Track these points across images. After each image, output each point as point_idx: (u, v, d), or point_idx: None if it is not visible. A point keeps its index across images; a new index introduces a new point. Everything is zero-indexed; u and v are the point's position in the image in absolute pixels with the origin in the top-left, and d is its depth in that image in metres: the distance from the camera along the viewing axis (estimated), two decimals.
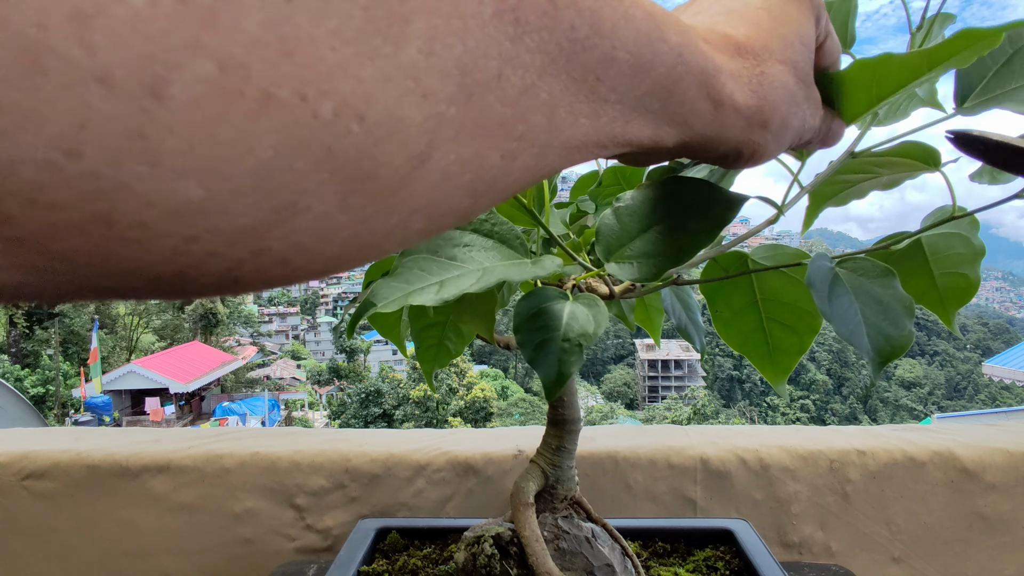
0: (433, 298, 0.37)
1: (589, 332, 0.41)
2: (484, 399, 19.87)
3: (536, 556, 0.51)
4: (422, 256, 0.40)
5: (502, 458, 0.83)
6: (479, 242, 0.42)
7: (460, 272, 0.39)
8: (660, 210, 0.40)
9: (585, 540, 0.56)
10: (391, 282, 0.37)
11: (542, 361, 0.41)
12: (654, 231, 0.40)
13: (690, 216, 0.39)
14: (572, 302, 0.43)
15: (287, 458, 0.83)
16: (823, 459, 0.81)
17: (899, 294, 0.44)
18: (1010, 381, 8.82)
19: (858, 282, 0.45)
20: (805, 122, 0.32)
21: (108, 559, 0.82)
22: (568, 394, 0.57)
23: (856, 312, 0.43)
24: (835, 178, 0.47)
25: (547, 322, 0.42)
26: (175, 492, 0.82)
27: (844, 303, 0.44)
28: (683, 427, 0.91)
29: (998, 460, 0.80)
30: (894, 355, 0.42)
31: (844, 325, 0.43)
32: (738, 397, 47.24)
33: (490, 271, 0.39)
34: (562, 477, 0.58)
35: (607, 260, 0.41)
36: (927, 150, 0.43)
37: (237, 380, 25.19)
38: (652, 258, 0.39)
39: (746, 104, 0.28)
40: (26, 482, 0.82)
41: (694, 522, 0.72)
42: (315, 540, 0.83)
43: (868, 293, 0.44)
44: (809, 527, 0.81)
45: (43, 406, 18.44)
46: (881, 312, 0.43)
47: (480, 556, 0.55)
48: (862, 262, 0.45)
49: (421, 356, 0.65)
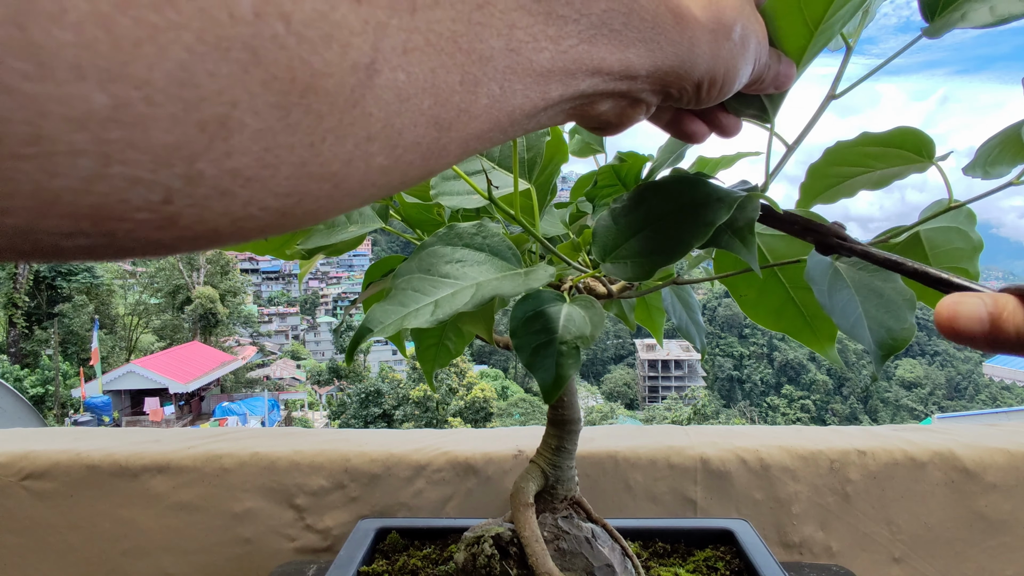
0: (428, 319, 0.37)
1: (586, 334, 0.41)
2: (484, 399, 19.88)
3: (536, 556, 0.51)
4: (415, 276, 0.40)
5: (502, 458, 0.83)
6: (471, 256, 0.42)
7: (454, 289, 0.40)
8: (655, 211, 0.41)
9: (585, 540, 0.56)
10: (386, 305, 0.38)
11: (539, 365, 0.41)
12: (648, 231, 0.40)
13: (683, 216, 0.39)
14: (569, 304, 0.44)
15: (287, 458, 0.83)
16: (823, 459, 0.81)
17: (900, 287, 0.44)
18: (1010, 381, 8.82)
19: (858, 276, 0.45)
20: (760, 45, 0.32)
21: (107, 558, 0.82)
22: (568, 395, 0.57)
23: (856, 306, 0.44)
24: (826, 171, 0.47)
25: (544, 325, 0.42)
26: (174, 492, 0.82)
27: (844, 297, 0.44)
28: (683, 427, 0.91)
29: (998, 460, 0.79)
30: (896, 348, 0.43)
31: (845, 319, 0.43)
32: (738, 397, 47.27)
33: (483, 286, 0.40)
34: (562, 477, 0.58)
35: (603, 261, 0.42)
36: (920, 139, 0.43)
37: (237, 380, 25.20)
38: (645, 257, 0.39)
39: (704, 15, 0.27)
40: (26, 482, 0.82)
41: (694, 522, 0.73)
42: (315, 540, 0.82)
43: (868, 287, 0.44)
44: (809, 527, 0.80)
45: (43, 406, 18.44)
46: (882, 305, 0.44)
47: (480, 556, 0.55)
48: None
49: (421, 356, 0.65)
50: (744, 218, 0.39)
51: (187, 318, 25.07)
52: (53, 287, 21.05)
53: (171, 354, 20.45)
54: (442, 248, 0.42)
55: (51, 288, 21.08)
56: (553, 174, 0.52)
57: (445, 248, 0.42)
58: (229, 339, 27.42)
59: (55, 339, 19.98)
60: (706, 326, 0.62)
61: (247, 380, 26.76)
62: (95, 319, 19.50)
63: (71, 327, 20.99)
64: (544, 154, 0.51)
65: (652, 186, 0.42)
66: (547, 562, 0.50)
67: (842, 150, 0.46)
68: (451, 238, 0.43)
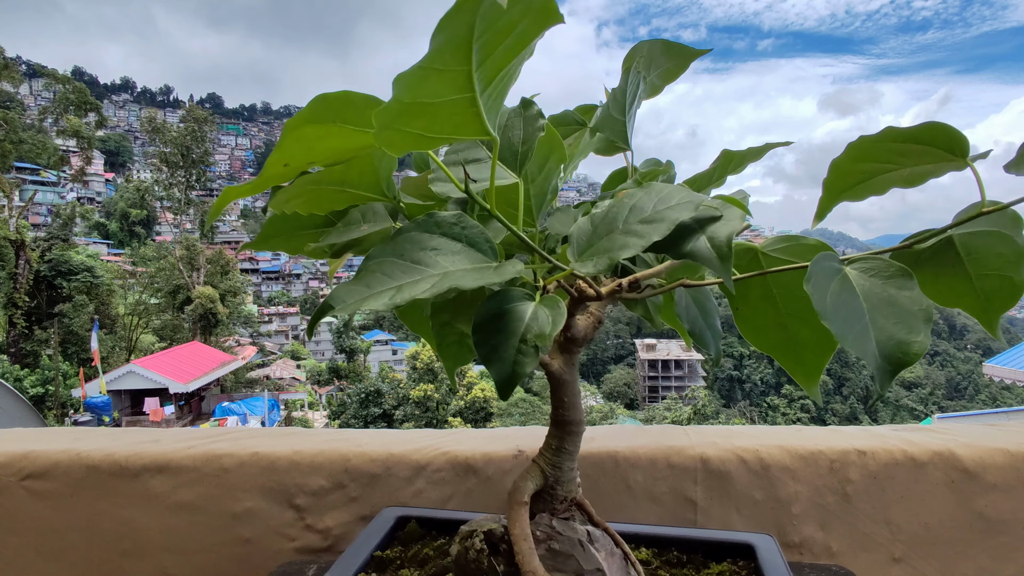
0: (387, 303, 0.38)
1: (546, 333, 0.42)
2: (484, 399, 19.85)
3: (522, 555, 0.51)
4: (387, 259, 0.41)
5: (502, 458, 0.83)
6: (448, 246, 0.43)
7: (420, 277, 0.40)
8: (625, 214, 0.43)
9: (578, 543, 0.55)
10: (350, 285, 0.39)
11: (496, 360, 0.42)
12: (617, 232, 0.43)
13: (651, 219, 0.42)
14: (537, 304, 0.45)
15: (287, 458, 0.83)
16: (823, 459, 0.81)
17: (916, 296, 0.41)
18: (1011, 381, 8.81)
19: (869, 283, 0.42)
20: None
21: (107, 558, 0.82)
22: (571, 396, 0.57)
23: (863, 315, 0.41)
24: (850, 167, 0.44)
25: (507, 324, 0.43)
26: (174, 492, 0.82)
27: (849, 305, 0.41)
28: (683, 427, 0.91)
29: (998, 460, 0.79)
30: (905, 362, 0.39)
31: (847, 328, 0.40)
32: (738, 397, 47.21)
33: (447, 276, 0.40)
34: (562, 478, 0.58)
35: (576, 259, 0.44)
36: (951, 136, 0.40)
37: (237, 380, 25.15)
38: (605, 254, 0.42)
39: None
40: (26, 482, 0.82)
41: (714, 533, 0.69)
42: (315, 540, 0.82)
43: (880, 295, 0.41)
44: (809, 527, 0.80)
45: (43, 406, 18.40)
46: (894, 315, 0.40)
47: (470, 551, 0.56)
48: (874, 262, 0.43)
49: (442, 353, 0.65)
50: (723, 232, 0.40)
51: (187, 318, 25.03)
52: (53, 287, 21.02)
53: (171, 354, 20.42)
54: (419, 235, 0.43)
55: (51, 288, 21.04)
56: (552, 172, 0.52)
57: (422, 235, 0.43)
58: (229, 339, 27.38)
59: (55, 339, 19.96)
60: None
61: (247, 380, 26.72)
62: (95, 319, 19.46)
63: (71, 327, 20.96)
64: (536, 150, 0.51)
65: (634, 191, 0.45)
66: (533, 560, 0.50)
67: (866, 145, 0.43)
68: (430, 226, 0.43)
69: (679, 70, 0.63)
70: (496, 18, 0.34)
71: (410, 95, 0.37)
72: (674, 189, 0.44)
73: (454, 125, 0.40)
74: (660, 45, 0.61)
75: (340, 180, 0.51)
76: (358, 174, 0.50)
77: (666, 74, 0.63)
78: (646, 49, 0.61)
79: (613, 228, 0.43)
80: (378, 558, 0.64)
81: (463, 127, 0.40)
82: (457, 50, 0.35)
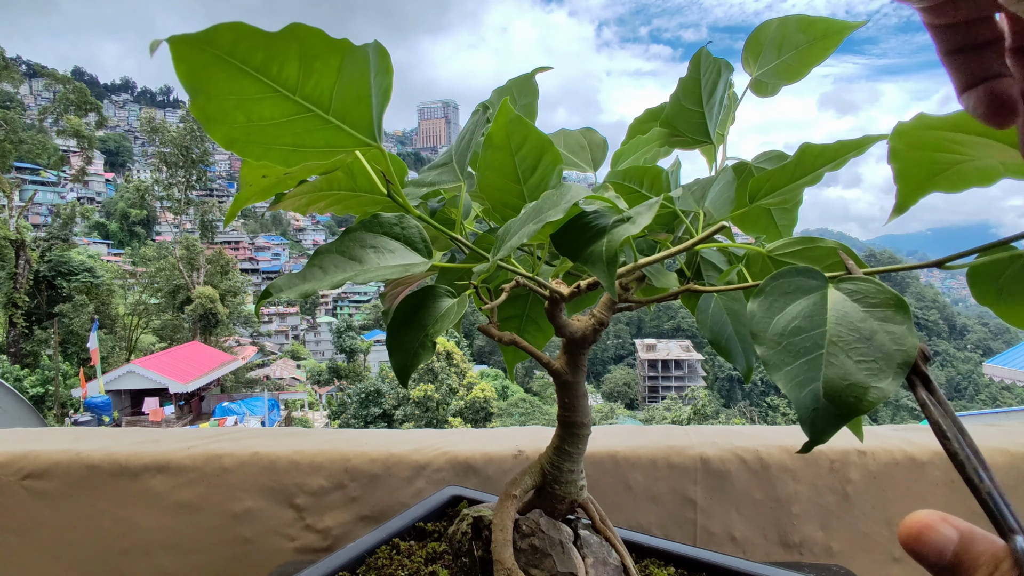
0: (306, 290, 0.41)
1: (442, 326, 0.46)
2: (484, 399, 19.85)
3: (496, 544, 0.52)
4: (330, 255, 0.43)
5: (502, 458, 0.83)
6: (386, 244, 0.45)
7: (353, 272, 0.42)
8: (543, 206, 0.45)
9: (559, 543, 0.55)
10: (291, 276, 0.41)
11: (398, 349, 0.48)
12: (531, 223, 0.44)
13: (574, 228, 0.46)
14: (458, 300, 0.48)
15: (287, 458, 0.83)
16: (823, 459, 0.81)
17: (901, 335, 0.33)
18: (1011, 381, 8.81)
19: (849, 309, 0.35)
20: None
21: (107, 558, 0.82)
22: (576, 398, 0.57)
23: (819, 344, 0.34)
24: (928, 156, 0.36)
25: (421, 317, 0.48)
26: (174, 492, 0.82)
27: (804, 328, 0.35)
28: (683, 427, 0.91)
29: (998, 460, 0.79)
30: (857, 410, 0.32)
31: (786, 356, 0.34)
32: (738, 397, 47.21)
33: (362, 271, 0.42)
34: (561, 479, 0.58)
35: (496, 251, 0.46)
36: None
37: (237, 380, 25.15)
38: (510, 240, 0.44)
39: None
40: (26, 481, 0.82)
41: (769, 571, 0.60)
42: (315, 540, 0.82)
43: (855, 326, 0.34)
44: (809, 527, 0.80)
45: (42, 406, 18.40)
46: (863, 352, 0.33)
47: (458, 533, 0.59)
48: (867, 285, 0.36)
49: (503, 347, 0.65)
50: (620, 235, 0.41)
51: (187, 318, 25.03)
52: (53, 287, 21.02)
53: (171, 354, 20.41)
54: (363, 234, 0.45)
55: (51, 288, 21.04)
56: (547, 176, 0.52)
57: (366, 234, 0.45)
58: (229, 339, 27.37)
59: (55, 339, 19.95)
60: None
61: (247, 380, 26.72)
62: (95, 319, 19.46)
63: (71, 327, 20.95)
64: (526, 152, 0.51)
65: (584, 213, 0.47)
66: (505, 551, 0.51)
67: (927, 130, 0.35)
68: (373, 225, 0.45)
69: (824, 47, 0.55)
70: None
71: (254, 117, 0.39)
72: (581, 188, 0.46)
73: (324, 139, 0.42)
74: (795, 21, 0.55)
75: (350, 186, 0.52)
76: (367, 180, 0.50)
77: (803, 55, 0.56)
78: (775, 26, 0.56)
79: (528, 220, 0.44)
80: (419, 528, 0.70)
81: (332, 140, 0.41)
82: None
